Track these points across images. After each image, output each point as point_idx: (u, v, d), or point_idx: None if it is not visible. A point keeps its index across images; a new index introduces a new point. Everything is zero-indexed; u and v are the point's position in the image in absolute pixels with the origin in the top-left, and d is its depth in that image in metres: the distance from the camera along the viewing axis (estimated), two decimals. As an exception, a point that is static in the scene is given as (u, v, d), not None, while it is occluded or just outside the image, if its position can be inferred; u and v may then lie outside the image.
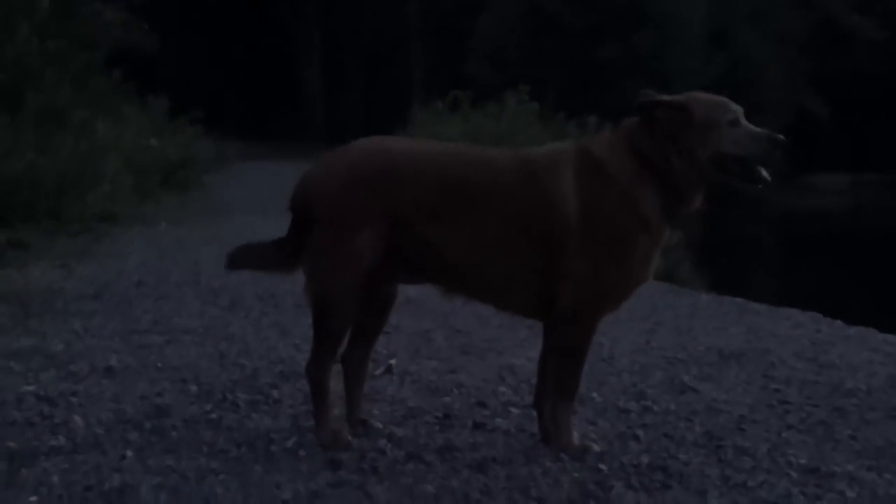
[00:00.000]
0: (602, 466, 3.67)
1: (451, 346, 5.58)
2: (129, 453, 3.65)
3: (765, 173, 3.66)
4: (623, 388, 4.78)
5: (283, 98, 45.67)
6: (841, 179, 39.75)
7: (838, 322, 7.00)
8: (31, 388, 4.46)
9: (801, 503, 3.39)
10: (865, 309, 8.62)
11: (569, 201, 3.60)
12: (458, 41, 40.20)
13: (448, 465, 3.65)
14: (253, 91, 45.24)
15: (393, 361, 5.06)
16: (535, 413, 4.01)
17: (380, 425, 4.03)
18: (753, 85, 37.11)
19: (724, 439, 4.04)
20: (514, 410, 4.37)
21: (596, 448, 3.83)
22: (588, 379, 4.80)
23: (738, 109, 3.68)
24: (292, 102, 46.11)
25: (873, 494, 3.50)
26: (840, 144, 41.17)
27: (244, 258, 3.94)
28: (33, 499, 3.23)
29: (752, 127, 3.67)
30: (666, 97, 3.69)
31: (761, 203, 27.32)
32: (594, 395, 4.56)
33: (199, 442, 3.81)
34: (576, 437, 3.83)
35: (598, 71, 34.69)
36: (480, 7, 39.92)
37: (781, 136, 3.64)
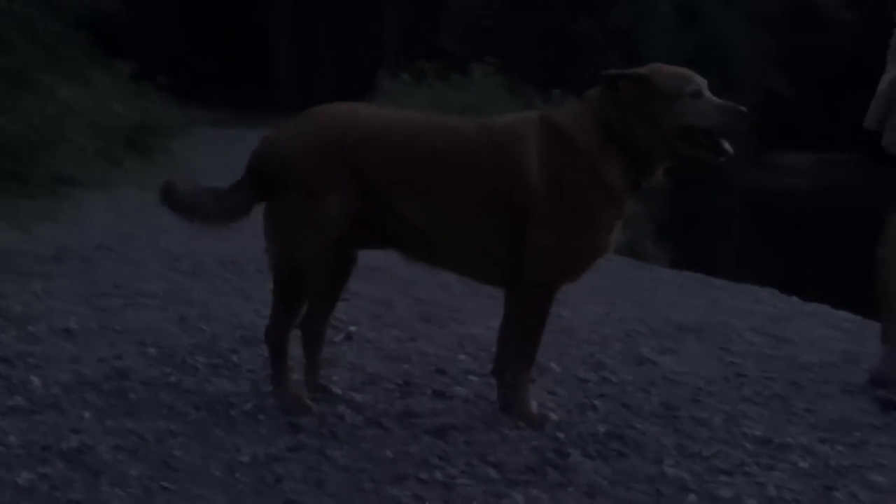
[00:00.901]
0: (560, 434, 3.70)
1: (413, 315, 5.59)
2: (88, 414, 3.63)
3: (727, 146, 3.69)
4: (582, 358, 4.81)
5: (253, 65, 45.31)
6: (806, 158, 39.87)
7: (795, 298, 7.08)
8: (-13, 347, 4.44)
9: (754, 473, 3.45)
10: (823, 286, 8.68)
11: (534, 170, 3.62)
12: (434, 12, 40.02)
13: (407, 431, 3.67)
14: (222, 58, 44.88)
15: (353, 328, 5.06)
16: (494, 381, 4.03)
17: (339, 391, 4.04)
18: (724, 63, 37.20)
19: (680, 410, 4.09)
20: (473, 378, 4.39)
21: (554, 416, 3.86)
22: (548, 349, 4.82)
23: (701, 81, 3.69)
24: (262, 70, 45.77)
25: (826, 465, 3.55)
26: (807, 124, 41.33)
27: (177, 196, 3.86)
28: (-10, 457, 3.23)
29: (715, 99, 3.69)
30: (629, 70, 3.71)
31: (726, 180, 27.42)
32: (553, 365, 4.58)
33: (158, 404, 3.80)
34: (534, 405, 3.86)
35: (572, 46, 34.63)
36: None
37: (744, 108, 3.66)
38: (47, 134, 11.48)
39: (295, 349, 3.86)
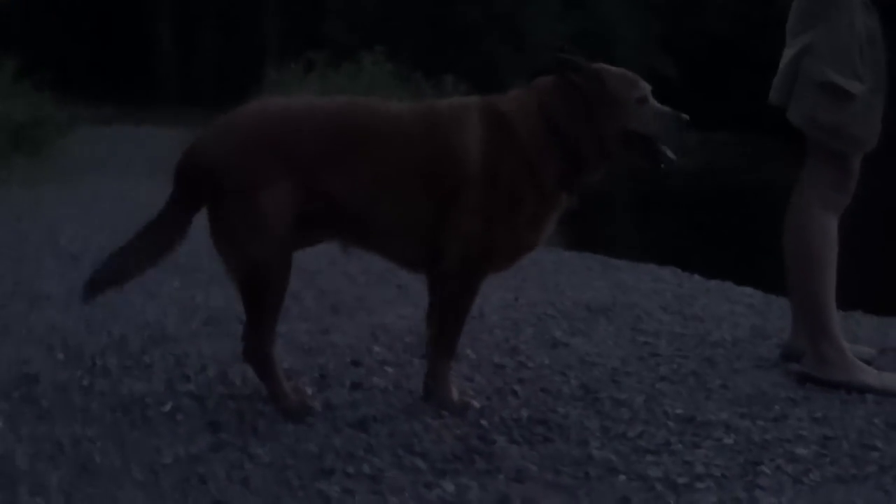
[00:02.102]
0: (483, 422, 3.68)
1: (321, 307, 5.53)
2: (0, 423, 3.53)
3: (669, 153, 3.70)
4: (496, 343, 4.80)
5: (134, 59, 44.66)
6: (692, 138, 40.39)
7: (697, 276, 7.16)
8: None
9: (680, 451, 3.45)
10: (719, 264, 8.79)
11: (470, 153, 3.58)
12: (316, 0, 39.76)
13: (329, 423, 3.61)
14: (103, 53, 44.16)
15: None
16: (410, 371, 4.01)
17: (309, 391, 3.97)
18: (607, 44, 37.59)
19: (600, 392, 4.09)
20: (389, 369, 4.35)
21: (475, 404, 3.83)
22: (464, 336, 4.81)
23: (646, 87, 3.69)
24: (144, 64, 45.13)
25: (749, 440, 3.57)
26: (691, 104, 41.88)
27: (111, 273, 3.66)
28: None
29: (659, 105, 3.69)
30: (582, 61, 3.68)
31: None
32: (468, 351, 4.56)
33: (71, 408, 3.71)
34: (455, 392, 3.84)
35: (455, 30, 34.70)
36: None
37: (687, 116, 3.67)
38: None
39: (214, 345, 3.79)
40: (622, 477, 3.24)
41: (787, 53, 4.44)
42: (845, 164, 4.33)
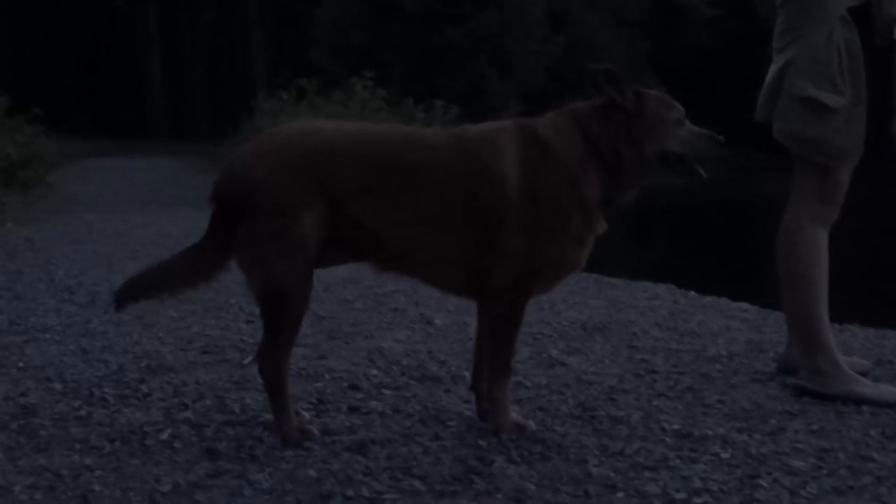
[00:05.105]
0: (482, 442, 3.69)
1: (318, 332, 5.54)
2: (-1, 455, 3.54)
3: (702, 171, 3.79)
4: (493, 365, 4.80)
5: (125, 93, 44.77)
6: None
7: (692, 293, 7.17)
8: None
9: (678, 466, 3.46)
10: (715, 279, 8.81)
11: (509, 176, 3.60)
12: (301, 29, 39.84)
13: (327, 448, 3.62)
14: (93, 87, 44.25)
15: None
16: (408, 395, 4.00)
17: (307, 415, 3.97)
18: (593, 62, 37.72)
19: (597, 410, 4.10)
20: (386, 392, 4.36)
21: (532, 425, 3.83)
22: (459, 358, 4.85)
23: (681, 109, 3.77)
24: (134, 97, 45.24)
25: (746, 454, 3.58)
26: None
27: (141, 288, 3.68)
28: None
29: (694, 127, 3.78)
30: (626, 81, 3.73)
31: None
32: (465, 373, 4.56)
33: (70, 439, 3.71)
34: (513, 415, 3.85)
35: (441, 55, 34.75)
36: (321, -7, 39.61)
37: (721, 137, 3.76)
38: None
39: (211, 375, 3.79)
40: (621, 494, 3.25)
41: (771, 70, 4.48)
42: (832, 177, 4.35)
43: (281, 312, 3.58)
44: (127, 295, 3.66)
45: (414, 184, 3.61)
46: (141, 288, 3.69)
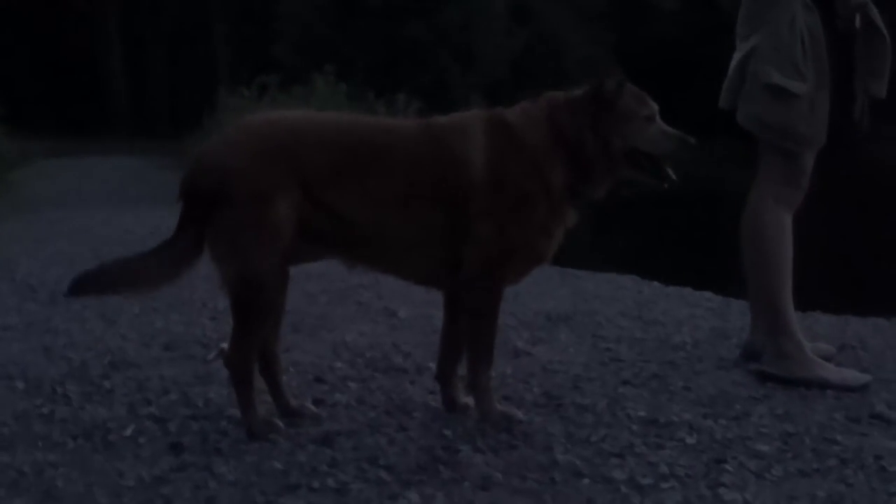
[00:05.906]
0: (447, 432, 3.69)
1: (282, 325, 5.50)
2: (-39, 454, 3.50)
3: (671, 173, 3.75)
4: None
5: (85, 91, 44.42)
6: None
7: (656, 283, 7.19)
8: None
9: (644, 453, 3.47)
10: (679, 269, 8.84)
11: (474, 161, 3.60)
12: (264, 24, 39.64)
13: (292, 440, 3.61)
14: (53, 84, 43.89)
15: (224, 345, 4.96)
16: (373, 386, 3.99)
17: (315, 409, 3.96)
18: (557, 56, 37.76)
19: (563, 398, 4.11)
20: (352, 384, 4.35)
21: (520, 415, 3.83)
22: (424, 349, 4.83)
23: (654, 106, 3.74)
24: (95, 95, 44.89)
25: (712, 439, 3.60)
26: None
27: (100, 281, 3.62)
28: None
29: (665, 126, 3.74)
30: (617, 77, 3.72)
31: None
32: (431, 364, 4.55)
33: (33, 436, 3.69)
34: (497, 404, 3.85)
35: (404, 49, 34.68)
36: (283, -11, 39.40)
37: (692, 139, 3.72)
38: None
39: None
40: (587, 480, 3.25)
41: (735, 57, 4.50)
42: (796, 161, 4.38)
43: (254, 301, 3.54)
44: (84, 284, 3.59)
45: (382, 168, 3.60)
46: (100, 280, 3.62)
